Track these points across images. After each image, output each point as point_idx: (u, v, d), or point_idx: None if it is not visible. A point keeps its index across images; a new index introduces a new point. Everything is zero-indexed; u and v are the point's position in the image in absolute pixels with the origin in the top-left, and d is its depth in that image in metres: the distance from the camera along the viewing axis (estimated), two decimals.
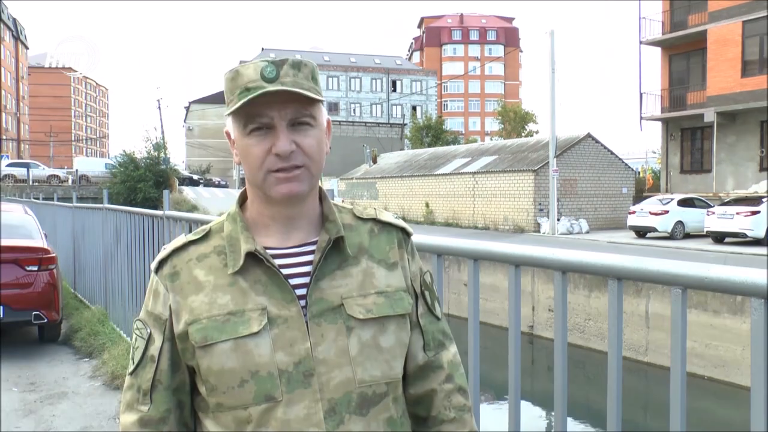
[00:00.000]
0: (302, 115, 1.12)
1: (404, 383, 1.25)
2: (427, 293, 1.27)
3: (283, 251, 1.16)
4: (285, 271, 1.14)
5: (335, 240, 1.17)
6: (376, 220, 1.25)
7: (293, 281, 1.14)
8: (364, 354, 1.12)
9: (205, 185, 49.89)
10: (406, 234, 1.27)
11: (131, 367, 1.19)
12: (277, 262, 1.14)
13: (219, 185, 51.88)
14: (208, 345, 1.10)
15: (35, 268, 6.67)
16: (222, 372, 1.09)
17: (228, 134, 1.18)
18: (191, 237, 1.20)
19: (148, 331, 1.17)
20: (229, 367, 1.09)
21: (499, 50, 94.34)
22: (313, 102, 1.13)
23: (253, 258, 1.13)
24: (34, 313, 6.51)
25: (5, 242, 6.66)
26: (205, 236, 1.19)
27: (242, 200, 1.23)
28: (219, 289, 1.13)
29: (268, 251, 1.14)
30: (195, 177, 51.24)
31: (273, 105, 1.09)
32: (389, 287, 1.18)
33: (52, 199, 14.22)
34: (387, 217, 1.26)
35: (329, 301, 1.13)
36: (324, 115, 1.18)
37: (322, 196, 1.22)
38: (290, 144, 1.10)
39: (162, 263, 1.18)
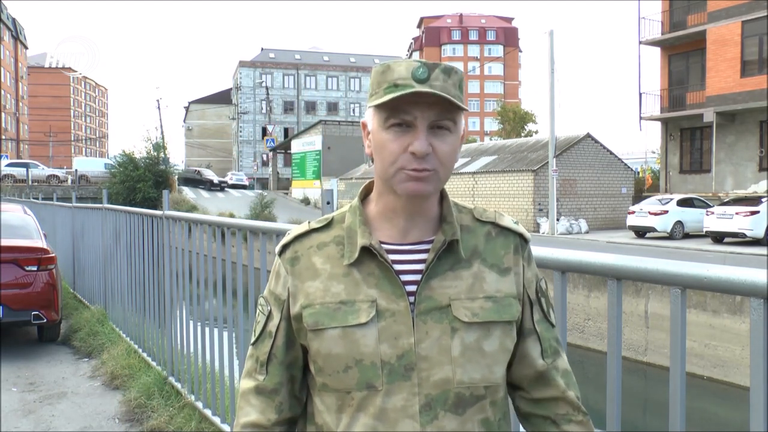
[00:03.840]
0: (444, 119, 1.13)
1: (524, 388, 1.27)
2: (543, 300, 1.28)
3: (399, 247, 1.19)
4: (398, 267, 1.17)
5: (450, 242, 1.18)
6: (494, 224, 1.25)
7: (405, 277, 1.16)
8: (465, 356, 1.14)
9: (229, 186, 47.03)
10: (524, 240, 1.27)
11: (253, 339, 1.28)
12: (392, 257, 1.17)
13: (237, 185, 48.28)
14: (318, 329, 1.16)
15: (34, 268, 6.67)
16: (329, 356, 1.15)
17: (364, 125, 1.21)
18: (314, 225, 1.25)
19: (269, 308, 1.25)
20: (335, 353, 1.14)
21: (498, 50, 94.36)
22: (456, 108, 1.14)
23: (368, 251, 1.17)
24: (33, 313, 6.50)
25: (5, 242, 6.65)
26: (327, 225, 1.24)
27: (365, 194, 1.26)
28: (334, 278, 1.18)
29: (384, 246, 1.18)
30: (216, 181, 46.85)
31: (418, 105, 1.11)
32: (499, 292, 1.19)
33: (52, 199, 14.19)
34: (506, 222, 1.26)
35: (437, 301, 1.16)
36: (463, 123, 1.19)
37: (443, 196, 1.23)
38: (427, 146, 1.11)
39: (285, 248, 1.25)
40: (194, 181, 46.85)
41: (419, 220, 1.20)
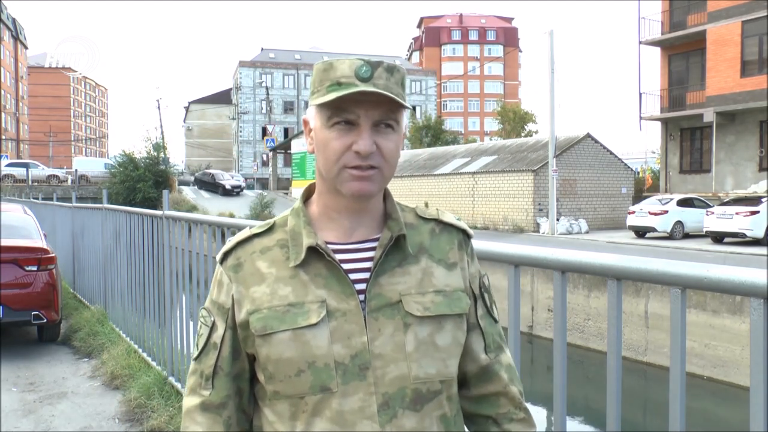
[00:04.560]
0: (388, 118, 1.13)
1: (465, 384, 1.26)
2: (486, 295, 1.29)
3: (345, 246, 1.18)
4: (346, 266, 1.15)
5: (396, 238, 1.18)
6: (437, 221, 1.26)
7: (353, 276, 1.15)
8: (420, 351, 1.14)
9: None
10: (467, 236, 1.28)
11: (195, 353, 1.23)
12: (339, 256, 1.16)
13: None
14: (267, 334, 1.13)
15: (34, 268, 6.67)
16: (280, 361, 1.12)
17: (306, 122, 1.20)
18: (256, 230, 1.22)
19: (212, 319, 1.21)
20: (287, 357, 1.12)
21: (498, 50, 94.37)
22: (399, 107, 1.14)
23: (315, 252, 1.15)
24: (33, 313, 6.50)
25: (5, 242, 6.65)
26: (269, 230, 1.22)
27: (307, 195, 1.26)
28: (280, 281, 1.15)
29: (330, 246, 1.17)
30: (228, 186, 42.96)
31: (362, 104, 1.11)
32: (448, 287, 1.19)
33: (52, 199, 14.21)
34: (449, 218, 1.27)
35: (388, 297, 1.15)
36: (405, 121, 1.19)
37: (386, 195, 1.23)
38: (372, 144, 1.11)
39: (227, 255, 1.22)
40: (208, 184, 45.80)
41: (363, 218, 1.19)
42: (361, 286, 1.15)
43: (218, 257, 1.23)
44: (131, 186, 33.86)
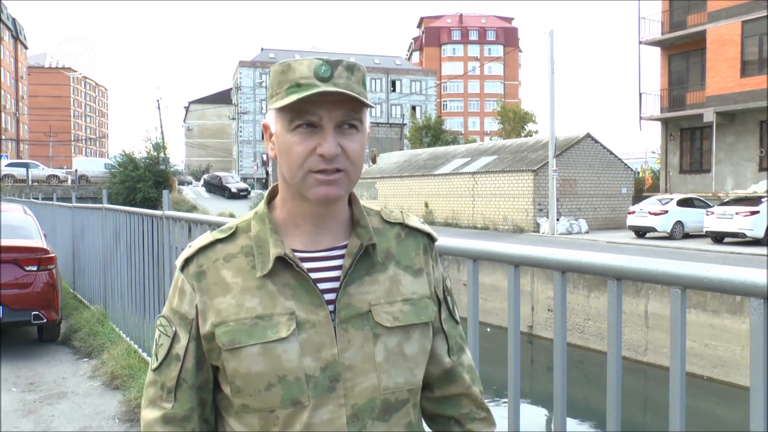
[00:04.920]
0: (351, 118, 1.10)
1: (428, 385, 1.26)
2: (449, 298, 1.28)
3: (312, 255, 1.15)
4: (313, 276, 1.13)
5: (365, 246, 1.16)
6: (403, 225, 1.24)
7: (321, 286, 1.12)
8: (389, 361, 1.13)
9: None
10: (431, 239, 1.26)
11: (155, 364, 1.18)
12: (306, 265, 1.13)
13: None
14: (235, 348, 1.09)
15: (34, 268, 6.67)
16: (249, 375, 1.09)
17: (266, 127, 1.16)
18: (218, 235, 1.17)
19: (174, 329, 1.16)
20: (256, 371, 1.08)
21: (498, 50, 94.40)
22: (362, 107, 1.11)
23: (282, 261, 1.12)
24: (33, 313, 6.51)
25: (5, 242, 6.65)
26: (232, 235, 1.17)
27: (270, 198, 1.21)
28: (247, 292, 1.11)
29: (297, 254, 1.13)
30: (234, 189, 42.86)
31: (323, 105, 1.07)
32: (415, 294, 1.18)
33: (52, 199, 14.23)
34: (414, 222, 1.25)
35: (357, 308, 1.13)
36: (368, 121, 1.16)
37: (352, 199, 1.20)
38: (336, 146, 1.07)
39: (188, 261, 1.16)
40: (215, 186, 45.58)
41: (330, 225, 1.16)
42: (330, 296, 1.12)
43: (178, 263, 1.17)
44: (131, 186, 33.91)
